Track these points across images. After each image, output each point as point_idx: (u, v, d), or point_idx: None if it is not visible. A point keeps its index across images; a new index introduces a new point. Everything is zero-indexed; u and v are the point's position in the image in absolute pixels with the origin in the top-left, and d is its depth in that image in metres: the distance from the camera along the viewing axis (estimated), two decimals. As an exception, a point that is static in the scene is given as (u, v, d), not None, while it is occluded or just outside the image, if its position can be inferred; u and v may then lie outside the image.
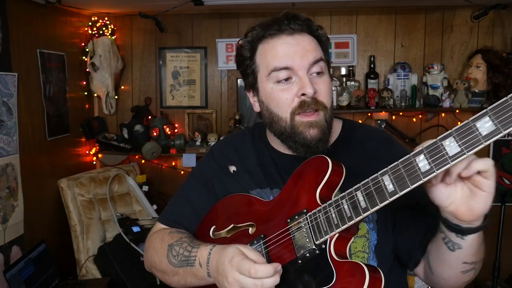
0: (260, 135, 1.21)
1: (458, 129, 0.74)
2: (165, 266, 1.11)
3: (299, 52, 1.02)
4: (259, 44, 1.08)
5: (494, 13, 3.21)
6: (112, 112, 3.45)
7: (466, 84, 3.15)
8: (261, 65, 1.08)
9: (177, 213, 1.23)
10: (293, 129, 1.04)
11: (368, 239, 1.05)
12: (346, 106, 3.24)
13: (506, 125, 0.69)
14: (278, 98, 1.05)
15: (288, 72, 1.03)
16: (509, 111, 0.69)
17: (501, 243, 2.95)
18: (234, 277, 0.90)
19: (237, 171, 1.19)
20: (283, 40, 1.05)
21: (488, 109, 0.71)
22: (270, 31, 1.06)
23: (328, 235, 0.90)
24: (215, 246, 1.01)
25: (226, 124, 3.51)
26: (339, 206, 0.89)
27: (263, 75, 1.07)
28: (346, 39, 3.36)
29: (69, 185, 2.96)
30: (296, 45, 1.03)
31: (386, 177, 0.81)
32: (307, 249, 0.93)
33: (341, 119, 1.21)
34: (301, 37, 1.05)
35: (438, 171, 0.75)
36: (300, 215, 0.96)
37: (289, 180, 1.05)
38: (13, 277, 2.22)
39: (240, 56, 1.12)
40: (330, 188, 0.97)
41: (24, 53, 2.62)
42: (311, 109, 1.02)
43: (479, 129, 0.71)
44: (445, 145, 0.74)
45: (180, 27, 3.49)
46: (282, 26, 1.05)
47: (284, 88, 1.04)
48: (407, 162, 0.79)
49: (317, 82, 1.03)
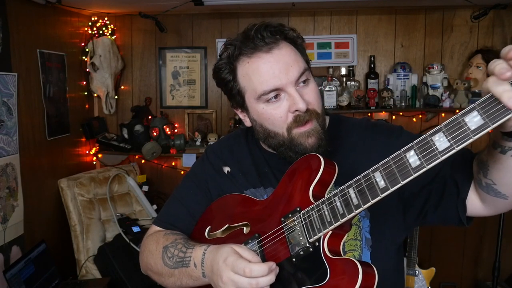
0: (253, 136, 1.21)
1: (447, 124, 0.74)
2: (161, 268, 1.12)
3: (283, 70, 1.01)
4: (237, 63, 1.05)
5: (494, 13, 3.21)
6: (112, 112, 3.45)
7: (466, 84, 3.15)
8: (247, 87, 1.06)
9: (172, 215, 1.24)
10: (292, 142, 1.04)
11: (360, 226, 1.06)
12: (346, 106, 3.24)
13: (494, 119, 0.69)
14: (271, 117, 1.04)
15: (276, 92, 1.02)
16: (497, 105, 0.69)
17: (501, 243, 2.96)
18: (229, 276, 0.91)
19: (231, 171, 1.19)
20: (263, 59, 1.02)
21: (476, 103, 0.71)
22: (245, 49, 1.03)
23: (321, 232, 0.90)
24: (209, 246, 1.02)
25: (226, 124, 3.51)
26: (332, 204, 0.89)
27: (251, 97, 1.06)
28: (346, 39, 3.36)
29: (69, 185, 2.97)
30: (277, 62, 1.01)
31: (378, 173, 0.82)
32: (301, 247, 0.93)
33: (329, 114, 1.20)
34: (279, 52, 1.02)
35: (428, 166, 0.76)
36: (293, 213, 0.97)
37: (283, 179, 1.05)
38: (13, 277, 2.22)
39: (220, 79, 1.10)
40: (323, 186, 0.97)
41: (24, 53, 2.63)
42: (306, 121, 1.02)
43: (468, 124, 0.71)
44: (435, 140, 0.75)
45: (180, 27, 3.49)
46: (256, 43, 1.01)
47: (275, 106, 1.03)
48: (398, 158, 0.80)
49: (305, 92, 1.03)
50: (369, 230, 1.06)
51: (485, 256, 3.42)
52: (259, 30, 1.02)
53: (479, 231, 3.43)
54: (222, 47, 1.09)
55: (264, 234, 1.02)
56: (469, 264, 3.46)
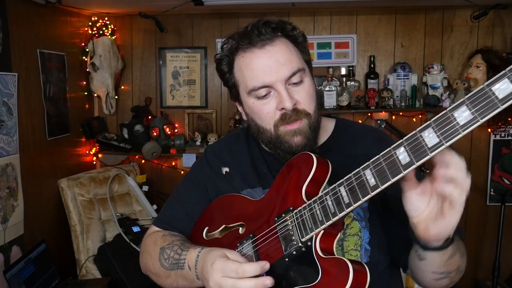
0: (253, 135, 1.21)
1: (436, 120, 0.73)
2: (158, 269, 1.12)
3: (273, 68, 1.01)
4: (235, 57, 1.07)
5: (494, 13, 3.21)
6: (112, 112, 3.45)
7: (466, 84, 3.15)
8: (240, 81, 1.08)
9: (171, 215, 1.24)
10: (278, 139, 1.05)
11: (361, 237, 1.05)
12: (346, 106, 3.24)
13: (483, 114, 0.68)
14: (260, 112, 1.05)
15: (266, 88, 1.03)
16: (486, 99, 0.68)
17: (501, 243, 2.96)
18: (216, 280, 0.91)
19: (229, 172, 1.19)
20: (256, 55, 1.03)
21: (465, 98, 0.70)
22: (242, 43, 1.04)
23: (313, 232, 0.90)
24: (203, 249, 1.02)
25: (226, 124, 3.51)
26: (323, 203, 0.89)
27: (243, 91, 1.08)
28: (346, 39, 3.36)
29: (69, 185, 2.97)
30: (269, 58, 1.02)
31: (368, 171, 0.81)
32: (294, 247, 0.93)
33: (335, 118, 1.20)
34: (272, 49, 1.02)
35: (418, 163, 0.75)
36: (286, 213, 0.97)
37: (277, 179, 1.05)
38: (13, 277, 2.22)
39: (219, 71, 1.12)
40: (316, 185, 0.96)
41: (24, 53, 2.63)
42: (293, 120, 1.02)
43: (457, 119, 0.70)
44: (424, 137, 0.74)
45: (180, 27, 3.49)
46: (252, 38, 1.02)
47: (264, 102, 1.04)
48: (388, 155, 0.79)
49: (296, 91, 1.03)
50: (368, 242, 1.05)
51: (485, 256, 3.42)
52: (257, 25, 1.03)
53: (479, 231, 3.43)
54: (225, 40, 1.11)
55: (258, 234, 1.02)
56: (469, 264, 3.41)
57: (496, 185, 3.35)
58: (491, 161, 3.36)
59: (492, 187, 3.36)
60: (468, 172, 0.76)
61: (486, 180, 3.38)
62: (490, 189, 3.37)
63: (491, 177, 3.37)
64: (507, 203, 2.99)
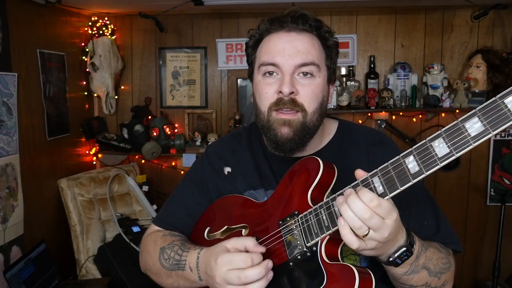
0: (256, 135, 1.21)
1: (447, 130, 0.72)
2: (158, 268, 1.12)
3: (288, 51, 1.02)
4: (263, 38, 1.09)
5: (494, 13, 3.21)
6: (112, 112, 3.45)
7: (466, 84, 3.15)
8: (257, 57, 1.10)
9: (171, 215, 1.23)
10: (268, 124, 1.04)
11: None
12: (346, 106, 3.24)
13: (495, 126, 0.68)
14: (261, 91, 1.06)
15: (274, 67, 1.03)
16: (498, 112, 0.67)
17: (501, 243, 2.95)
18: (221, 276, 0.90)
19: (231, 172, 1.18)
20: (278, 36, 1.05)
21: (477, 109, 0.70)
22: (273, 26, 1.06)
23: (319, 237, 0.89)
24: (202, 249, 1.02)
25: (226, 124, 3.51)
26: (330, 208, 0.88)
27: (256, 66, 1.09)
28: (346, 39, 3.36)
29: (69, 185, 2.97)
30: (288, 42, 1.03)
31: (376, 178, 0.81)
32: (299, 251, 0.92)
33: (338, 119, 1.20)
34: (297, 35, 1.04)
35: (427, 173, 0.74)
36: (291, 217, 0.96)
37: (281, 181, 1.05)
38: (13, 277, 2.22)
39: (246, 46, 1.15)
40: (321, 190, 0.96)
41: (24, 53, 2.62)
42: (287, 109, 1.01)
43: (468, 130, 0.70)
44: (434, 146, 0.73)
45: (180, 27, 3.49)
46: (284, 23, 1.05)
47: (268, 82, 1.05)
48: (397, 164, 0.78)
49: (302, 84, 1.03)
50: None
51: (485, 256, 3.42)
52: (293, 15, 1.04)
53: (479, 231, 3.43)
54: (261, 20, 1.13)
55: (262, 237, 1.01)
56: (469, 264, 3.46)
57: (496, 185, 3.36)
58: (491, 161, 3.36)
59: (492, 187, 3.37)
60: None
61: (486, 180, 3.38)
62: (490, 189, 3.37)
63: (491, 177, 3.37)
64: (507, 203, 2.99)
